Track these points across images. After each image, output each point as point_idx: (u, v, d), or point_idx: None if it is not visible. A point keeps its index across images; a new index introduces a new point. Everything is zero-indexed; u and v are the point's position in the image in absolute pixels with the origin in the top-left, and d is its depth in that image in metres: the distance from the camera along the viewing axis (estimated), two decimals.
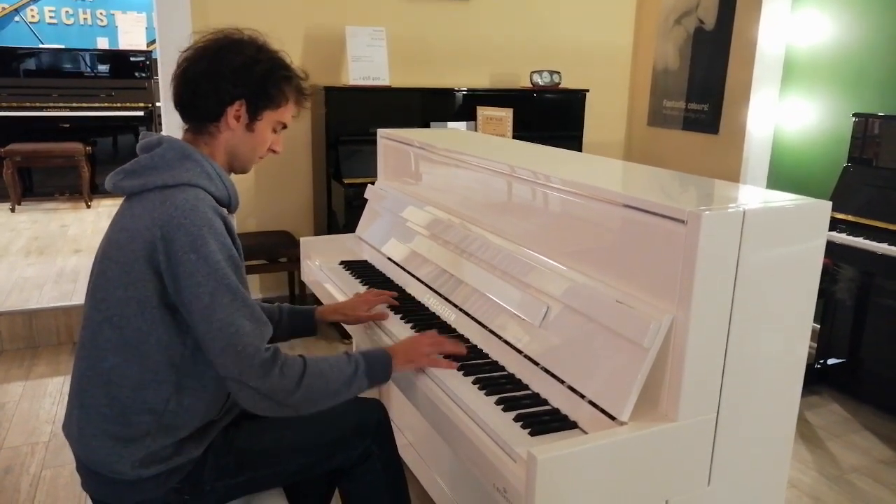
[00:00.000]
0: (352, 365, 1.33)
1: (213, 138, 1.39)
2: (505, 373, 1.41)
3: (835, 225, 2.81)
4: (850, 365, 3.10)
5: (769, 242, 1.20)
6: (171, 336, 1.28)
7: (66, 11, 6.95)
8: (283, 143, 1.50)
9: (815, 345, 3.20)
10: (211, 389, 1.35)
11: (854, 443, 2.69)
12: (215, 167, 1.35)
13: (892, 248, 2.59)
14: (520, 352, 1.42)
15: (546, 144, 2.19)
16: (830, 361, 3.16)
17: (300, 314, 1.71)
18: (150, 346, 1.27)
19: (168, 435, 1.31)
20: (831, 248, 2.69)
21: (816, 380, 3.13)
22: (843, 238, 2.73)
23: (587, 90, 4.11)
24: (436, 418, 1.35)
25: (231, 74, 1.34)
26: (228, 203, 1.39)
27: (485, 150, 1.93)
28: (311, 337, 3.27)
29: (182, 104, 1.38)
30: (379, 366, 1.38)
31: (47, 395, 2.92)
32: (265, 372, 1.21)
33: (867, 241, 2.67)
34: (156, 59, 4.41)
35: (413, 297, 1.84)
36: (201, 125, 1.38)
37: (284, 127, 1.46)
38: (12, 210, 5.66)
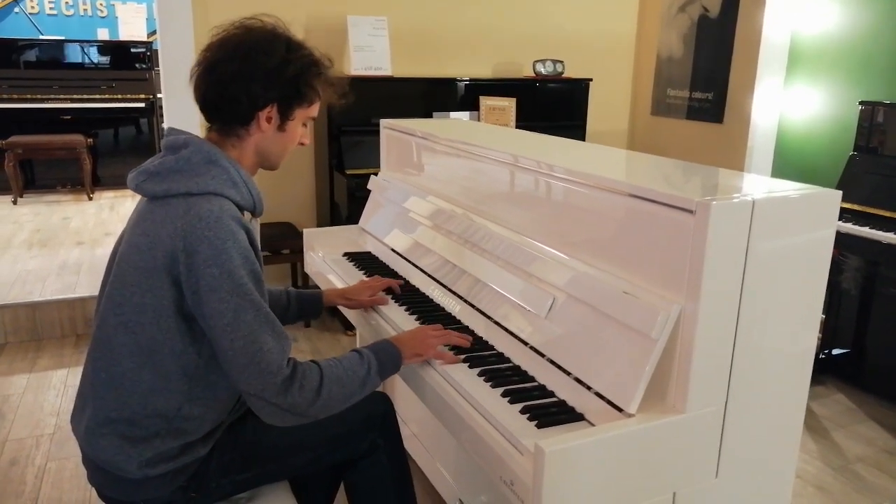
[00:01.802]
0: (364, 365, 1.33)
1: (242, 140, 1.35)
2: (511, 364, 1.40)
3: (840, 214, 2.79)
4: (855, 355, 3.09)
5: (778, 232, 1.18)
6: (185, 346, 1.26)
7: (66, 2, 6.92)
8: None
9: (820, 335, 3.18)
10: (222, 399, 1.35)
11: (859, 433, 2.68)
12: (242, 174, 1.32)
13: None
14: (526, 343, 1.41)
15: (549, 134, 2.17)
16: (835, 351, 3.15)
17: (308, 298, 1.73)
18: (163, 354, 1.26)
19: (177, 438, 1.30)
20: (837, 237, 2.64)
21: (821, 370, 3.13)
22: (848, 227, 2.72)
23: (590, 79, 4.09)
24: (442, 411, 1.34)
25: (264, 77, 1.30)
26: (253, 209, 1.36)
27: (488, 139, 1.91)
28: (314, 321, 3.27)
29: (209, 105, 1.34)
30: (389, 361, 1.38)
31: (51, 387, 2.92)
32: (286, 388, 1.20)
33: (873, 231, 2.66)
34: (157, 51, 4.38)
35: (417, 289, 1.83)
36: (229, 127, 1.34)
37: (313, 120, 1.45)
38: (14, 202, 5.65)
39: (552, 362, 1.33)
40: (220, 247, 1.19)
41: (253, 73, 1.29)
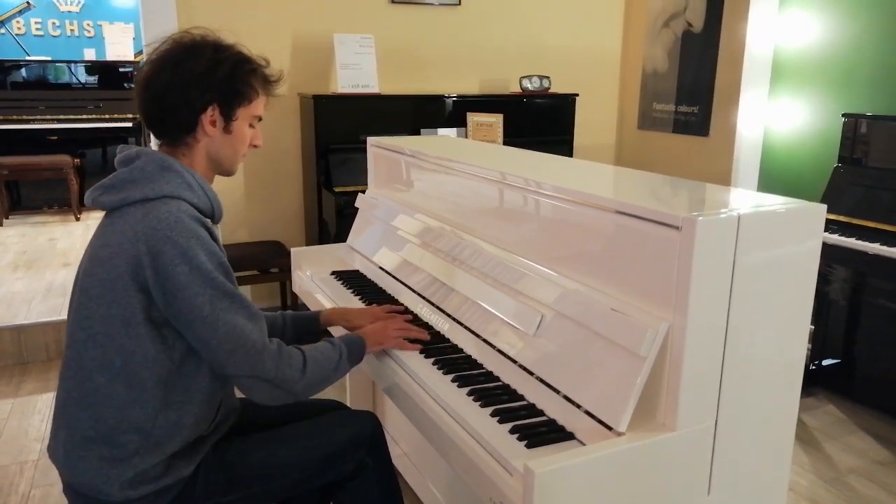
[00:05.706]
0: (336, 352, 1.41)
1: (191, 148, 1.37)
2: (500, 383, 1.39)
3: (826, 226, 2.78)
4: (844, 366, 3.10)
5: (765, 247, 1.19)
6: (157, 352, 1.25)
7: (53, 23, 6.91)
8: (274, 152, 1.49)
9: (809, 346, 3.20)
10: (198, 401, 1.33)
11: (850, 444, 2.68)
12: (196, 177, 1.34)
13: (884, 247, 2.59)
14: (514, 361, 1.40)
15: (536, 149, 2.18)
16: (825, 362, 3.16)
17: (304, 320, 1.69)
18: (136, 363, 1.25)
19: (157, 452, 1.28)
20: (823, 249, 2.65)
21: (811, 381, 3.13)
22: (835, 239, 2.73)
23: (577, 94, 4.11)
24: (431, 431, 1.33)
25: (197, 81, 1.31)
26: (212, 214, 1.37)
27: (476, 156, 1.91)
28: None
29: (152, 121, 1.36)
30: (356, 350, 1.47)
31: (36, 412, 2.87)
32: (276, 363, 1.28)
33: (859, 242, 2.67)
34: None
35: (405, 307, 1.82)
36: (177, 138, 1.36)
37: (260, 119, 1.45)
38: (0, 224, 5.61)
39: (541, 381, 1.32)
40: (185, 245, 1.22)
41: (185, 80, 1.31)
